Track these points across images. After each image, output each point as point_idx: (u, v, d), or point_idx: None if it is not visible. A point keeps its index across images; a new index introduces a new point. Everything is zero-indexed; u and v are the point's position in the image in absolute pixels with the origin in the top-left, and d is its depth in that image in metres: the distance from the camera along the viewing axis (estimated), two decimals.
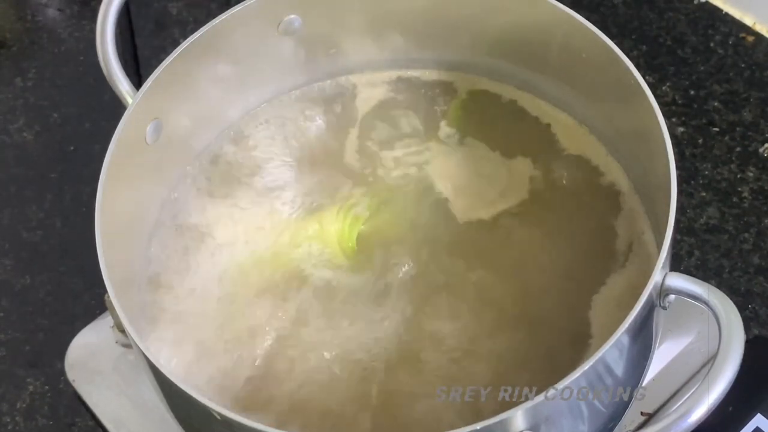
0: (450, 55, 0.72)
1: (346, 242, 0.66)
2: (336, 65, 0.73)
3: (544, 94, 0.71)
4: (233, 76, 0.69)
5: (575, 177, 0.67)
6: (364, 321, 0.63)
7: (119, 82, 0.66)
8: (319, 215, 0.68)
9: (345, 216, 0.67)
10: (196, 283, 0.66)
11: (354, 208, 0.68)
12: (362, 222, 0.67)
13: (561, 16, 0.63)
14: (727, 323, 0.51)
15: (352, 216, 0.67)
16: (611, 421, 0.59)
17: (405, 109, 0.72)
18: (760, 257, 0.74)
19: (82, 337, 0.71)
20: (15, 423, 0.73)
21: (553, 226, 0.66)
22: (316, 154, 0.71)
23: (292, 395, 0.61)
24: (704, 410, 0.49)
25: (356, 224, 0.67)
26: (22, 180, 0.85)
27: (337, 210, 0.67)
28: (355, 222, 0.67)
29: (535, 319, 0.62)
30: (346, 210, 0.67)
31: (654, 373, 0.64)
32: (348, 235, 0.66)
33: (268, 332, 0.63)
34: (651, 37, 0.86)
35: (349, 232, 0.66)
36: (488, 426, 0.49)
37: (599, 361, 0.50)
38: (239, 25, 0.66)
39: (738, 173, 0.78)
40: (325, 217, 0.67)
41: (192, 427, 0.59)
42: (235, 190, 0.69)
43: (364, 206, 0.68)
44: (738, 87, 0.83)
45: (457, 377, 0.60)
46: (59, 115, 0.88)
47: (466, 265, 0.65)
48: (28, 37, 0.94)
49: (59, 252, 0.80)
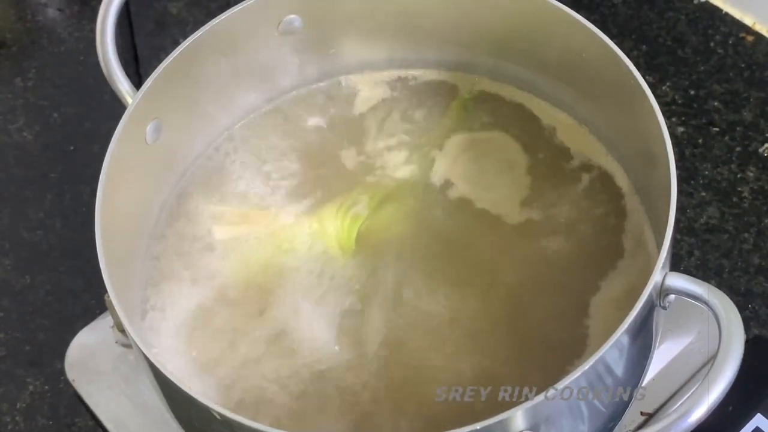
0: (450, 55, 0.72)
1: (345, 241, 0.66)
2: (336, 65, 0.73)
3: (544, 94, 0.71)
4: (233, 76, 0.69)
5: (575, 177, 0.67)
6: (362, 321, 0.63)
7: (119, 82, 0.66)
8: (319, 214, 0.68)
9: (344, 215, 0.67)
10: (195, 283, 0.66)
11: (353, 207, 0.68)
12: (362, 221, 0.67)
13: (561, 16, 0.63)
14: (727, 323, 0.51)
15: (351, 215, 0.67)
16: (611, 421, 0.59)
17: (405, 109, 0.72)
18: (760, 257, 0.74)
19: (82, 337, 0.71)
20: (15, 423, 0.73)
21: (552, 226, 0.66)
22: (315, 153, 0.71)
23: (290, 394, 0.61)
24: (704, 410, 0.49)
25: (355, 223, 0.67)
26: (22, 180, 0.85)
27: (336, 209, 0.68)
28: (354, 221, 0.67)
29: (534, 319, 0.62)
30: (346, 209, 0.67)
31: (654, 373, 0.64)
32: (347, 234, 0.66)
33: (267, 332, 0.63)
34: (651, 37, 0.86)
35: (348, 231, 0.67)
36: (488, 426, 0.49)
37: (599, 361, 0.50)
38: (239, 25, 0.66)
39: (738, 173, 0.78)
40: (325, 215, 0.67)
41: (192, 427, 0.59)
42: (235, 190, 0.69)
43: (364, 205, 0.68)
44: (738, 87, 0.83)
45: (457, 378, 0.60)
46: (59, 115, 0.88)
47: (464, 264, 0.65)
48: (28, 37, 0.94)
49: (59, 252, 0.80)
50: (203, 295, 0.65)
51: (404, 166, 0.70)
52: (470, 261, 0.65)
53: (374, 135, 0.71)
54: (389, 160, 0.70)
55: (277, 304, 0.64)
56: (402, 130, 0.71)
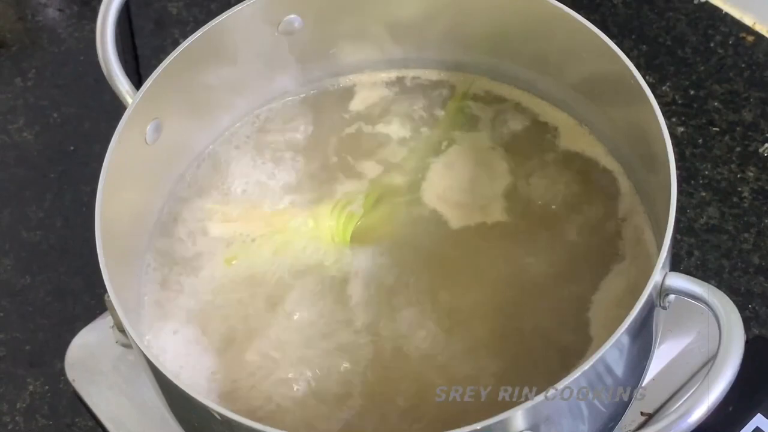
0: (450, 55, 0.72)
1: (340, 239, 0.66)
2: (336, 65, 0.73)
3: (544, 94, 0.71)
4: (233, 76, 0.69)
5: (575, 177, 0.67)
6: (357, 321, 0.63)
7: (119, 82, 0.66)
8: (315, 212, 0.68)
9: (340, 213, 0.67)
10: (194, 282, 0.66)
11: (349, 206, 0.68)
12: (357, 220, 0.67)
13: (561, 16, 0.63)
14: (727, 323, 0.51)
15: (346, 213, 0.67)
16: (611, 421, 0.59)
17: (404, 109, 0.72)
18: (760, 257, 0.74)
19: (82, 337, 0.71)
20: (15, 423, 0.73)
21: (552, 226, 0.66)
22: (313, 152, 0.71)
23: (290, 395, 0.61)
24: (704, 410, 0.49)
25: (351, 222, 0.67)
26: (22, 180, 0.85)
27: (332, 207, 0.68)
28: (349, 220, 0.67)
29: (534, 319, 0.62)
30: (341, 207, 0.68)
31: (654, 373, 0.64)
32: (342, 233, 0.66)
33: (267, 331, 0.63)
34: (651, 37, 0.86)
35: (343, 230, 0.67)
36: (488, 426, 0.49)
37: (599, 361, 0.50)
38: (239, 25, 0.66)
39: (738, 173, 0.78)
40: (320, 214, 0.67)
41: (192, 427, 0.59)
42: (234, 189, 0.69)
43: (359, 204, 0.68)
44: (738, 87, 0.83)
45: (456, 378, 0.60)
46: (59, 115, 0.88)
47: (463, 265, 0.65)
48: (28, 37, 0.94)
49: (59, 252, 0.80)
50: (203, 295, 0.65)
51: (401, 165, 0.70)
52: (470, 262, 0.65)
53: (372, 134, 0.71)
54: (386, 159, 0.70)
55: (276, 303, 0.64)
56: (400, 130, 0.71)
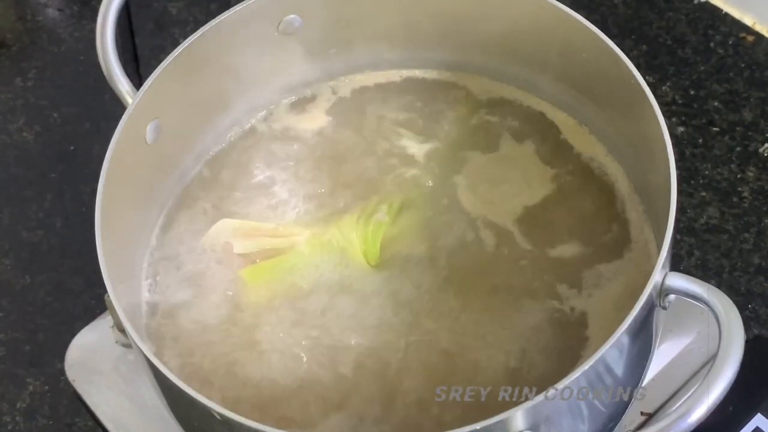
0: (450, 55, 0.72)
1: (370, 250, 0.65)
2: (336, 65, 0.73)
3: (544, 94, 0.71)
4: (233, 76, 0.69)
5: (575, 177, 0.67)
6: (383, 331, 0.62)
7: (119, 82, 0.66)
8: (338, 222, 0.66)
9: (366, 223, 0.66)
10: (194, 282, 0.66)
11: (374, 215, 0.66)
12: (384, 229, 0.66)
13: (561, 16, 0.63)
14: (727, 323, 0.51)
15: (373, 223, 0.66)
16: (611, 421, 0.59)
17: (406, 110, 0.72)
18: (760, 257, 0.74)
19: (82, 337, 0.71)
20: (15, 423, 0.73)
21: (552, 226, 0.66)
22: (314, 155, 0.71)
23: (293, 396, 0.61)
24: (704, 410, 0.49)
25: (378, 231, 0.65)
26: (22, 180, 0.85)
27: (357, 217, 0.66)
28: (377, 229, 0.66)
29: (534, 319, 0.62)
30: (367, 217, 0.66)
31: (654, 373, 0.64)
32: (371, 243, 0.65)
33: (273, 335, 0.63)
34: (651, 37, 0.86)
35: (372, 240, 0.65)
36: (488, 426, 0.49)
37: (599, 361, 0.50)
38: (239, 25, 0.66)
39: (738, 173, 0.78)
40: (344, 224, 0.66)
41: (192, 427, 0.59)
42: (234, 189, 0.69)
43: (384, 213, 0.67)
44: (738, 87, 0.83)
45: (456, 379, 0.60)
46: (59, 115, 0.88)
47: (467, 266, 0.65)
48: (28, 37, 0.94)
49: (59, 252, 0.80)
50: (203, 295, 0.65)
51: (411, 167, 0.69)
52: (470, 263, 0.65)
53: (377, 137, 0.71)
54: (395, 162, 0.69)
55: (283, 308, 0.64)
56: (405, 132, 0.71)
